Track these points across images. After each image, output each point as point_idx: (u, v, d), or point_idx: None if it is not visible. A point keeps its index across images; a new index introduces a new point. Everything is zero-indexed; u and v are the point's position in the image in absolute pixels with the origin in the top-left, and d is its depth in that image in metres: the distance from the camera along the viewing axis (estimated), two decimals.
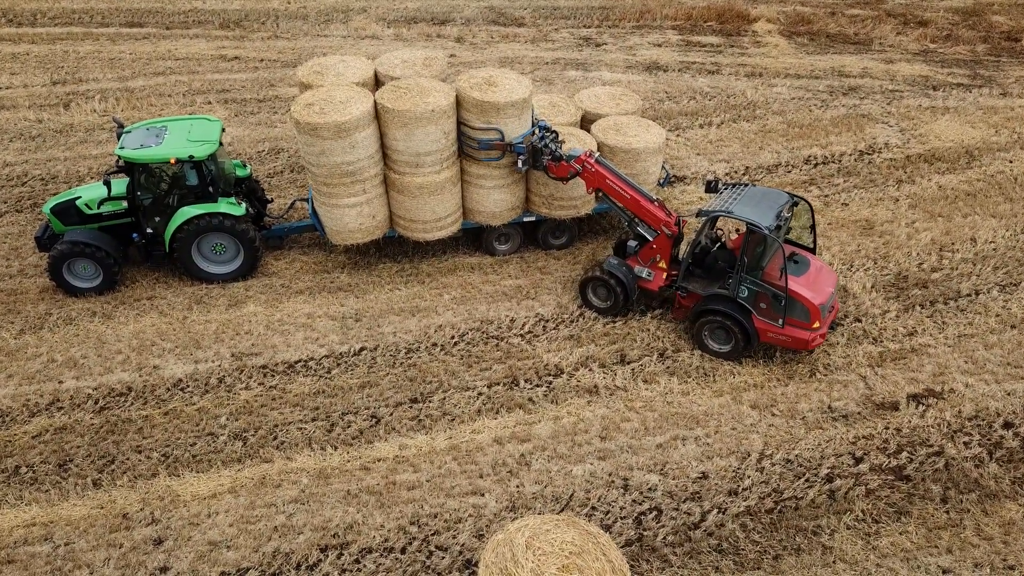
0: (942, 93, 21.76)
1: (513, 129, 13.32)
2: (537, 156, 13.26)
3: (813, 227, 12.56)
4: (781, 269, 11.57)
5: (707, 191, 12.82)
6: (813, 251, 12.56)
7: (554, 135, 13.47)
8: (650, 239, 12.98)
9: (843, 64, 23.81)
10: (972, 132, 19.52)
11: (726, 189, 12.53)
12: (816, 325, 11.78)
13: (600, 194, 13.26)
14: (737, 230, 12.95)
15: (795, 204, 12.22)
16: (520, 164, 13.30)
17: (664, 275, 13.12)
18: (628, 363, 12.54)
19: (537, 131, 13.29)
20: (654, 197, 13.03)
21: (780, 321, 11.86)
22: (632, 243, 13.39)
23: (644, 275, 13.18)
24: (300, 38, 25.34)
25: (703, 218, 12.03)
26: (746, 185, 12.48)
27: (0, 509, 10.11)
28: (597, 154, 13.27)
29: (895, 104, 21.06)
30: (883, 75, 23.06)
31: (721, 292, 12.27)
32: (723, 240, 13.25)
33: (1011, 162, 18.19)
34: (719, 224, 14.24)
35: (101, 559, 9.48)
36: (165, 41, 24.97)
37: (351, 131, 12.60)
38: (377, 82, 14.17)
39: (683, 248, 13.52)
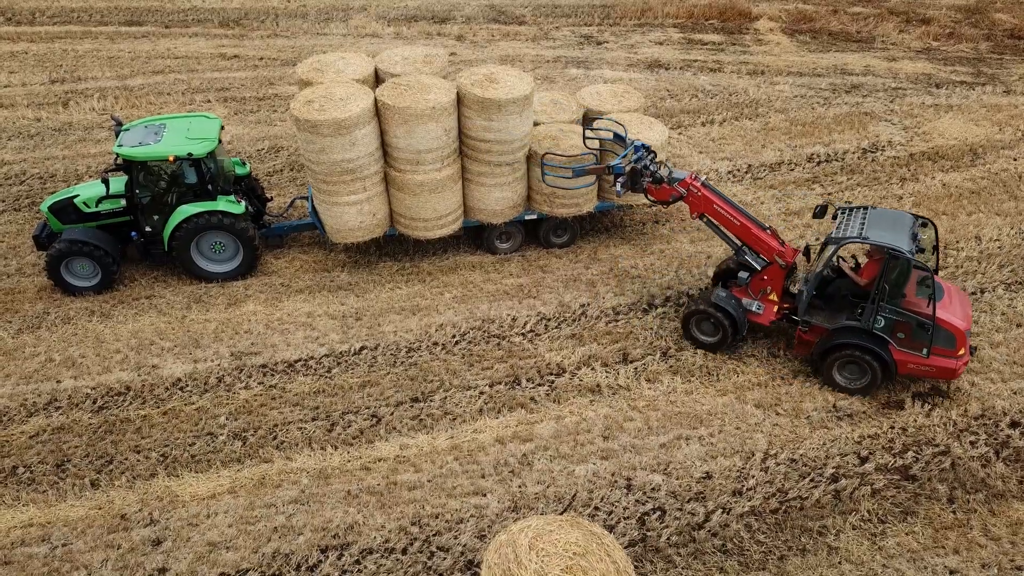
0: (945, 91, 21.64)
1: (515, 127, 13.20)
2: (637, 179, 12.37)
3: (937, 247, 11.62)
4: (929, 296, 10.87)
5: (815, 216, 12.22)
6: (936, 272, 11.45)
7: (652, 155, 12.63)
8: (758, 268, 12.19)
9: (845, 62, 23.70)
10: (976, 130, 19.41)
11: (843, 213, 11.60)
12: (961, 352, 11.06)
13: (705, 220, 12.45)
14: (869, 255, 11.75)
15: (923, 224, 11.51)
16: (619, 187, 12.38)
17: (775, 308, 12.28)
18: (631, 362, 12.44)
19: (632, 151, 12.48)
20: (766, 224, 12.28)
21: (925, 351, 11.10)
22: (744, 274, 12.40)
23: (754, 308, 12.32)
24: (299, 36, 25.23)
25: (832, 246, 11.19)
26: (865, 208, 11.58)
27: None
28: (703, 177, 12.46)
29: (898, 102, 20.95)
30: (886, 73, 22.95)
31: (852, 324, 11.41)
32: (839, 268, 12.11)
33: (1015, 160, 18.08)
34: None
35: (99, 560, 9.38)
36: (164, 39, 24.86)
37: (351, 128, 12.49)
38: (377, 79, 14.06)
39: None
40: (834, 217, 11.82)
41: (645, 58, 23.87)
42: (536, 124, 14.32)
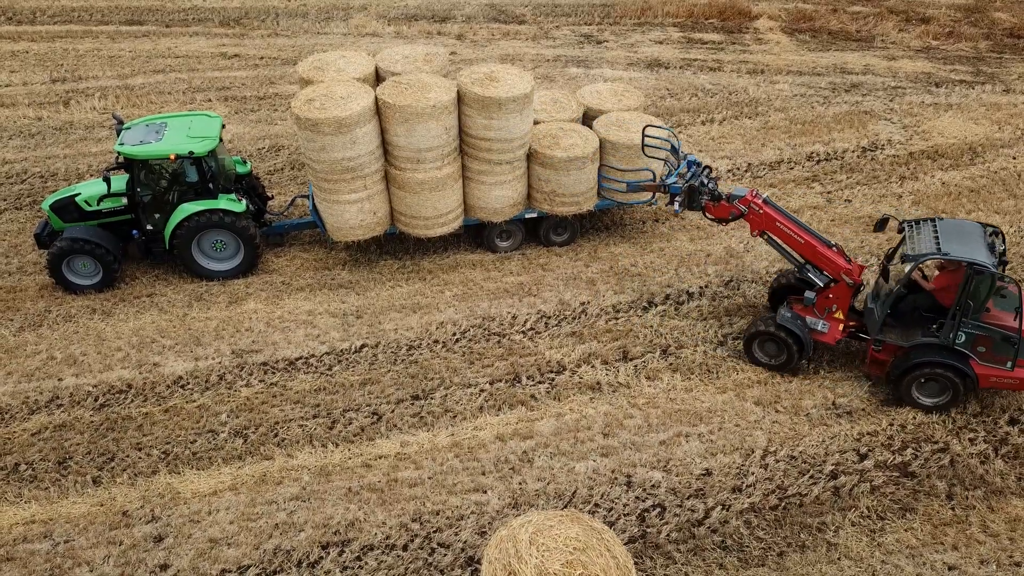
0: (944, 90, 21.67)
1: (515, 125, 13.24)
2: (694, 197, 12.16)
3: (1003, 254, 10.89)
4: (1016, 309, 10.70)
5: (876, 230, 11.81)
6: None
7: (707, 170, 12.41)
8: (821, 285, 11.87)
9: (845, 61, 23.72)
10: (975, 129, 19.44)
11: (911, 227, 11.20)
12: None
13: (765, 237, 12.17)
14: (940, 268, 11.56)
15: (994, 233, 11.14)
16: (676, 206, 12.20)
17: (840, 326, 11.93)
18: (631, 360, 12.47)
19: (686, 168, 12.30)
20: (832, 241, 11.93)
21: (1009, 364, 10.79)
22: (810, 292, 11.94)
23: (819, 327, 11.94)
24: (300, 36, 25.26)
25: (910, 263, 10.74)
26: (932, 220, 11.19)
27: None
28: (765, 194, 12.09)
29: (897, 101, 20.98)
30: (885, 72, 22.98)
31: (930, 340, 11.06)
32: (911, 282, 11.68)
33: (1015, 158, 18.11)
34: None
35: (101, 556, 9.42)
36: (165, 39, 24.88)
37: (352, 127, 12.53)
38: (378, 78, 14.10)
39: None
40: (899, 231, 11.41)
41: (645, 57, 23.90)
42: (536, 123, 14.36)
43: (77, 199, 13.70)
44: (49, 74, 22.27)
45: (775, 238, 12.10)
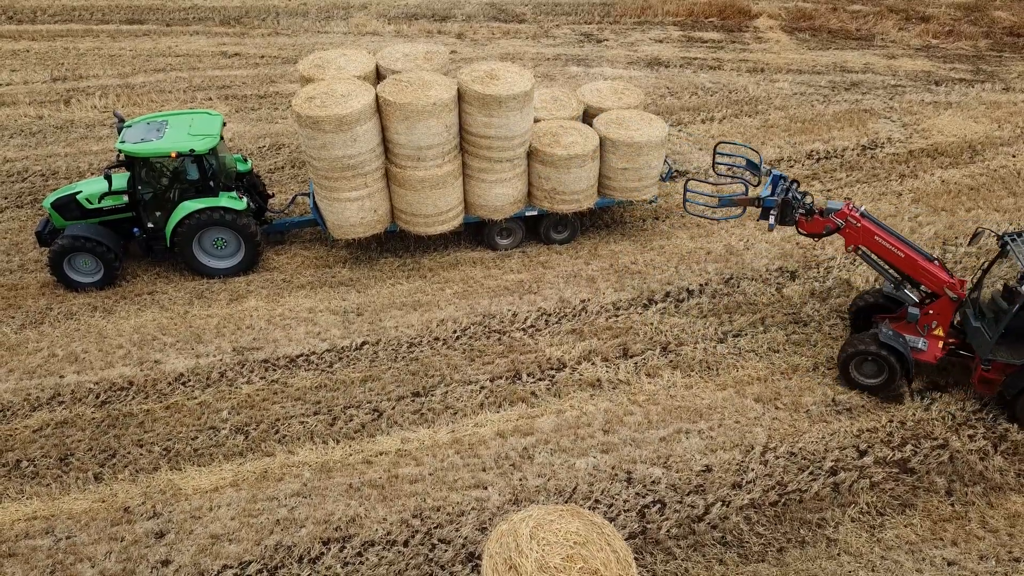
0: (944, 88, 21.70)
1: (515, 123, 13.26)
2: (787, 211, 11.80)
3: None
4: None
5: (971, 244, 11.34)
6: None
7: (795, 184, 12.06)
8: (916, 301, 11.59)
9: (845, 60, 23.75)
10: (975, 127, 19.46)
11: (1014, 241, 10.69)
12: None
13: (860, 252, 11.75)
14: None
15: None
16: (772, 221, 11.84)
17: (940, 344, 11.52)
18: (631, 357, 12.50)
19: (772, 182, 12.04)
20: (933, 255, 11.53)
21: None
22: (915, 309, 11.46)
23: (919, 345, 11.48)
24: (300, 35, 25.28)
25: None
26: None
27: (1, 503, 10.08)
28: (862, 207, 11.71)
29: (897, 99, 21.01)
30: (885, 70, 23.00)
31: None
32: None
33: (1014, 156, 18.14)
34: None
35: (103, 552, 9.45)
36: (165, 38, 24.91)
37: (352, 124, 12.55)
38: (378, 76, 14.13)
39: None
40: (1002, 246, 10.86)
41: (645, 56, 23.93)
42: (537, 120, 14.39)
43: (78, 197, 13.72)
44: (50, 73, 22.30)
45: (871, 253, 11.65)
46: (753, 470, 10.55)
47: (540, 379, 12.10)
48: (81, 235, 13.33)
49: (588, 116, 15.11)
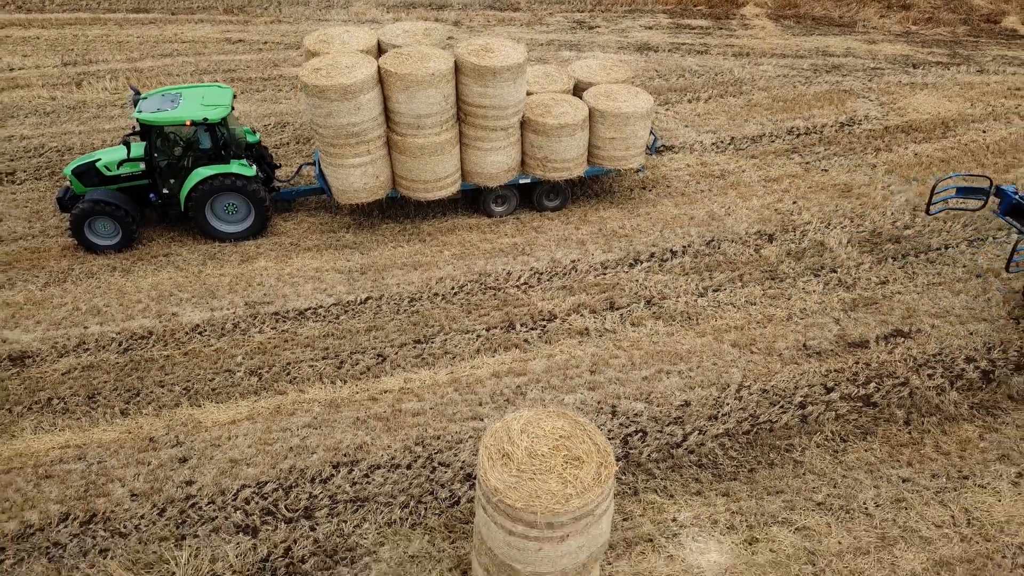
0: (921, 71, 22.65)
1: (509, 93, 14.13)
2: None
3: None
4: None
5: None
6: None
7: None
8: None
9: (827, 45, 24.70)
10: (949, 105, 20.40)
11: None
12: None
13: None
14: None
15: None
16: None
17: None
18: (617, 309, 13.39)
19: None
20: None
21: None
22: None
23: None
24: (302, 22, 26.16)
25: None
26: None
27: (35, 434, 10.92)
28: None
29: (876, 81, 21.94)
30: (866, 55, 23.95)
31: None
32: None
33: (984, 132, 19.08)
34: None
35: (131, 474, 10.31)
36: (171, 26, 25.77)
37: (356, 93, 13.42)
38: (380, 51, 14.99)
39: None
40: None
41: (635, 42, 24.85)
42: (529, 94, 15.27)
43: (97, 164, 14.56)
44: (60, 58, 23.13)
45: None
46: (728, 404, 11.44)
47: (532, 329, 12.98)
48: (101, 199, 14.17)
49: (578, 90, 15.99)
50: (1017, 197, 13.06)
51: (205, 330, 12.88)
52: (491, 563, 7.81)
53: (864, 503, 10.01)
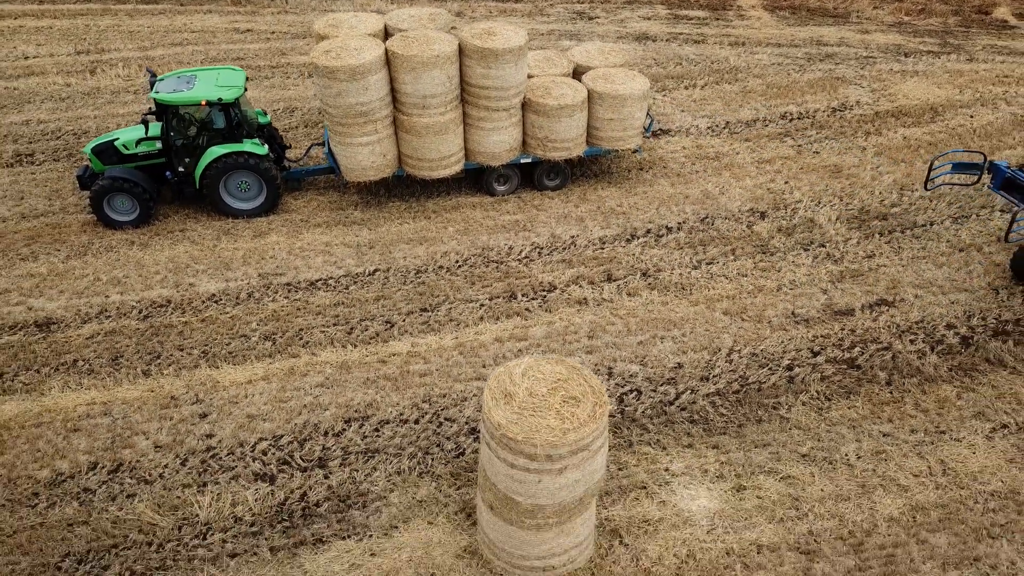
0: (912, 59, 23.24)
1: (511, 75, 14.73)
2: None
3: None
4: None
5: None
6: None
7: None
8: None
9: (821, 34, 25.29)
10: (938, 92, 20.99)
11: None
12: None
13: None
14: None
15: None
16: None
17: None
18: (614, 281, 13.99)
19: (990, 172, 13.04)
20: None
21: None
22: None
23: None
24: (308, 13, 26.75)
25: None
26: None
27: (63, 392, 11.55)
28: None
29: (868, 68, 22.53)
30: (859, 44, 24.53)
31: None
32: None
33: (972, 117, 19.67)
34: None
35: (155, 428, 10.94)
36: (180, 16, 26.38)
37: (365, 74, 14.03)
38: (386, 34, 15.60)
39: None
40: None
41: (634, 31, 25.44)
42: (530, 76, 15.87)
43: (116, 143, 15.17)
44: (74, 47, 23.74)
45: None
46: (719, 367, 12.06)
47: (533, 298, 13.59)
48: (120, 177, 14.79)
49: (577, 74, 16.59)
50: (1010, 172, 13.58)
51: (221, 299, 13.50)
52: (494, 498, 8.43)
53: (846, 455, 10.62)
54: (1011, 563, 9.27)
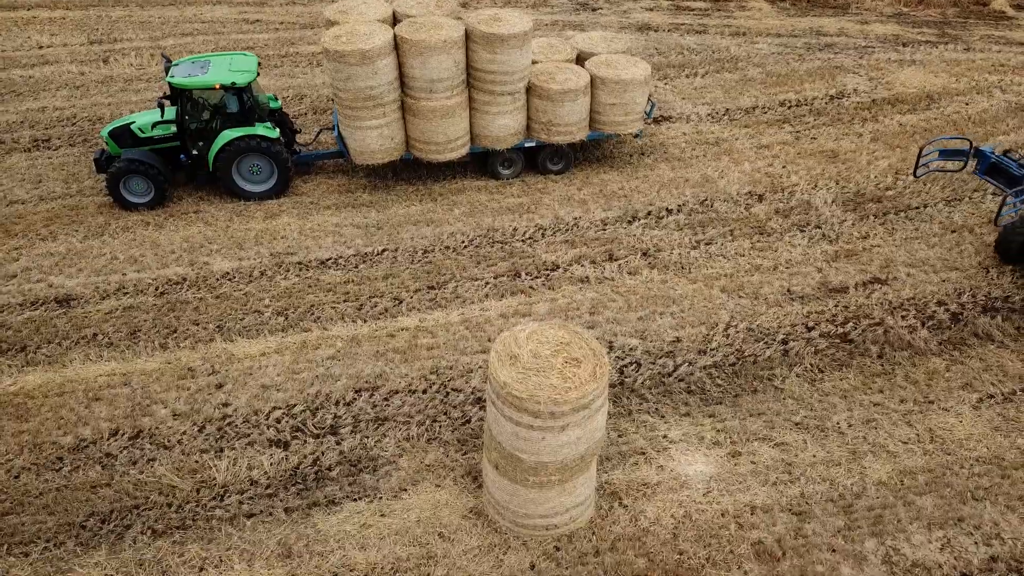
0: (910, 49, 23.59)
1: (516, 60, 15.14)
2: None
3: None
4: None
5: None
6: None
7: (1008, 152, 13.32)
8: None
9: (821, 25, 25.64)
10: (935, 80, 21.35)
11: None
12: None
13: None
14: None
15: None
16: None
17: None
18: (615, 260, 14.41)
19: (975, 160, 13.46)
20: None
21: None
22: None
23: None
24: (316, 3, 27.15)
25: None
26: None
27: (83, 364, 12.01)
28: None
29: (866, 58, 22.89)
30: (857, 34, 24.89)
31: None
32: None
33: (967, 104, 20.03)
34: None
35: (173, 397, 11.39)
36: (190, 7, 26.80)
37: (374, 58, 14.45)
38: (395, 20, 16.01)
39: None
40: None
41: (636, 22, 25.82)
42: (535, 62, 16.28)
43: (132, 127, 15.61)
44: (87, 37, 24.17)
45: None
46: (716, 341, 12.48)
47: (536, 277, 14.01)
48: (136, 159, 15.23)
49: (580, 60, 16.98)
50: (994, 157, 14.00)
51: (234, 277, 13.94)
52: (500, 456, 8.87)
53: (838, 423, 11.05)
54: (994, 523, 9.69)
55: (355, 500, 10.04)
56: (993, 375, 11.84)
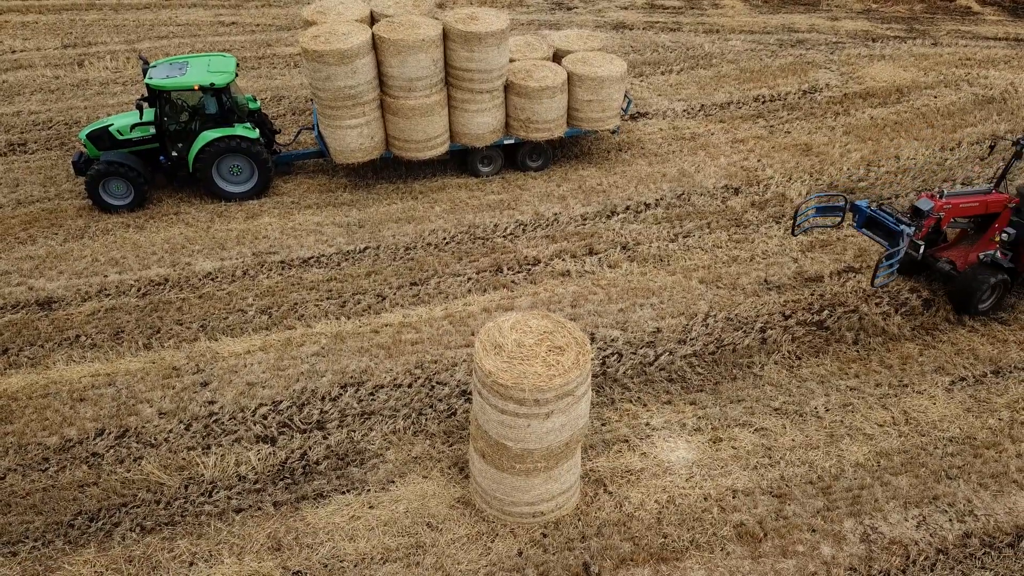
0: (880, 44, 24.03)
1: (493, 58, 15.31)
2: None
3: None
4: None
5: (990, 155, 13.18)
6: None
7: (880, 205, 12.76)
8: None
9: (793, 22, 26.04)
10: (904, 74, 21.78)
11: None
12: None
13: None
14: None
15: None
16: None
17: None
18: (595, 254, 14.60)
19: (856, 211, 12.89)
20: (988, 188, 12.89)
21: None
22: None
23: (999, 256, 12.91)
24: (292, 6, 27.17)
25: None
26: None
27: (67, 365, 12.00)
28: (944, 191, 12.79)
29: (837, 53, 23.29)
30: (828, 30, 25.30)
31: None
32: None
33: (936, 97, 20.46)
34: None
35: (158, 396, 11.42)
36: (165, 10, 26.71)
37: (353, 58, 14.54)
38: (372, 20, 16.11)
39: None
40: (1019, 150, 12.70)
41: (611, 20, 26.08)
42: (512, 60, 16.44)
43: (110, 129, 15.58)
44: (61, 40, 24.03)
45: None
46: (695, 330, 12.70)
47: (518, 272, 14.17)
48: (115, 161, 15.21)
49: (557, 58, 17.18)
50: (870, 211, 13.10)
51: (217, 276, 13.98)
52: (486, 445, 9.01)
53: (815, 408, 11.30)
54: (967, 500, 9.97)
55: (343, 493, 10.13)
56: (964, 359, 12.15)
